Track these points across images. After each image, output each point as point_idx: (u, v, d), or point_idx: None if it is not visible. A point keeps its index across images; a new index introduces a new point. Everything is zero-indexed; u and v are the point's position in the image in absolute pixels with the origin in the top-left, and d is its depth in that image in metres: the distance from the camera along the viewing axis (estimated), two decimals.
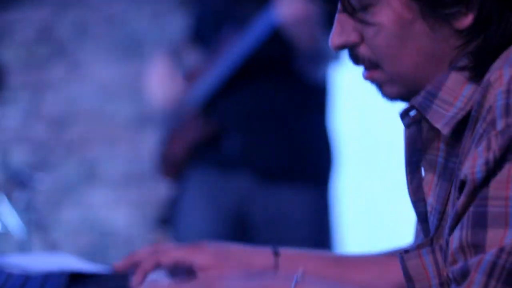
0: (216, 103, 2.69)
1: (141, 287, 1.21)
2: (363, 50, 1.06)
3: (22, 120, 4.42)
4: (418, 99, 1.03)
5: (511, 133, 0.90)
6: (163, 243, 1.32)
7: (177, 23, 3.67)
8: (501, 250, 0.88)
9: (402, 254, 1.04)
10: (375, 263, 1.31)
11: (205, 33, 2.75)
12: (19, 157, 4.37)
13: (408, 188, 1.07)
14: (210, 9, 2.76)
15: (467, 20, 1.00)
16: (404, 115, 1.06)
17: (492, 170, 0.90)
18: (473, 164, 0.92)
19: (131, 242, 4.11)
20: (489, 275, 0.88)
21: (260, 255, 1.30)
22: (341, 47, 1.07)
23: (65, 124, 4.42)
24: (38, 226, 4.24)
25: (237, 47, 2.60)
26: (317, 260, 1.31)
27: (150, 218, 3.91)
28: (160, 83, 2.81)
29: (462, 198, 0.93)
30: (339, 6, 1.06)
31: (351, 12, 1.04)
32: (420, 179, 1.06)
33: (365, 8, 1.03)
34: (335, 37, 1.07)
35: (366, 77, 1.08)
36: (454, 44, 1.01)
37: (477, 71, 0.99)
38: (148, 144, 3.87)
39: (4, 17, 4.43)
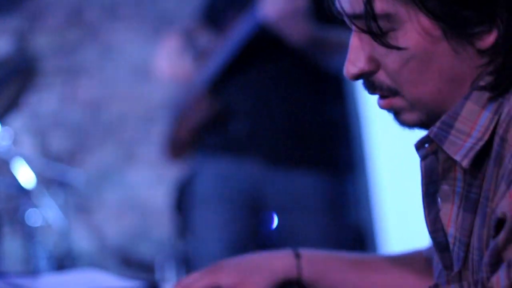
0: (224, 86, 2.65)
1: None
2: (381, 77, 1.02)
3: (58, 105, 4.44)
4: (433, 130, 1.00)
5: None
6: (182, 279, 1.29)
7: None
8: None
9: None
10: (397, 265, 1.29)
11: (217, 14, 2.72)
12: (57, 142, 4.40)
13: (426, 219, 1.05)
14: None
15: (490, 39, 0.97)
16: (420, 146, 1.03)
17: None
18: (510, 201, 0.89)
19: (173, 220, 4.12)
20: None
21: (281, 259, 1.28)
22: (358, 77, 1.02)
23: (101, 107, 4.44)
24: (80, 210, 4.28)
25: (246, 29, 2.56)
26: (338, 262, 1.30)
27: None
28: (170, 62, 2.79)
29: (503, 235, 0.90)
30: (354, 28, 1.01)
31: (375, 36, 0.99)
32: (437, 209, 1.04)
33: (386, 32, 0.98)
34: (350, 66, 1.02)
35: (383, 106, 1.04)
36: (476, 64, 0.99)
37: (498, 90, 0.98)
38: None
39: (34, 2, 4.44)
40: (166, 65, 2.80)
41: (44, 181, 3.58)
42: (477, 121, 0.98)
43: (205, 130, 2.68)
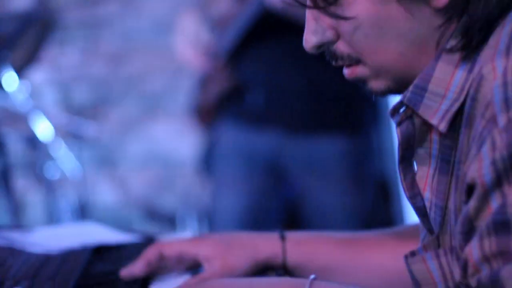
0: (240, 56, 2.65)
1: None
2: (341, 46, 1.00)
3: (80, 58, 4.43)
4: (407, 95, 0.98)
5: None
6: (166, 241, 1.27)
7: None
8: None
9: (407, 258, 1.01)
10: (390, 241, 1.25)
11: None
12: (80, 95, 4.41)
13: (402, 184, 1.03)
14: None
15: None
16: (394, 112, 1.00)
17: (503, 170, 0.84)
18: (479, 166, 0.86)
19: (197, 172, 4.12)
20: None
21: (266, 241, 1.25)
22: (317, 47, 1.00)
23: (124, 59, 4.42)
24: (104, 163, 4.29)
25: (257, 4, 2.53)
26: (327, 243, 1.26)
27: None
28: (189, 42, 2.78)
29: (473, 202, 0.87)
30: (308, 1, 0.99)
31: (322, 7, 0.97)
32: (413, 174, 1.02)
33: (335, 1, 0.96)
34: (309, 37, 1.00)
35: (348, 75, 1.02)
36: (436, 24, 0.95)
37: (468, 50, 0.94)
38: None
39: None
40: (186, 49, 2.81)
41: (64, 134, 3.58)
42: (451, 81, 0.95)
43: (225, 100, 2.70)
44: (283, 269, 1.25)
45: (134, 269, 1.23)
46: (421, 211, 1.02)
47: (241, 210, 2.67)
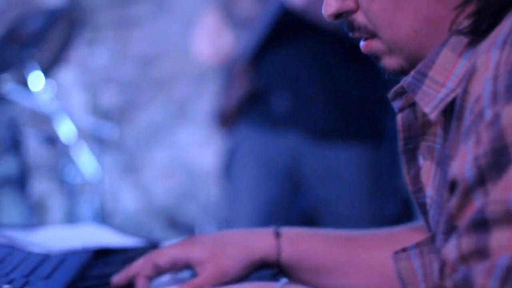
0: (263, 59, 2.63)
1: None
2: (359, 17, 0.98)
3: (110, 59, 4.37)
4: (407, 79, 0.95)
5: (500, 124, 0.79)
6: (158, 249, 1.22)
7: None
8: None
9: (395, 254, 0.99)
10: (388, 241, 1.19)
11: None
12: (107, 98, 4.34)
13: (406, 178, 1.01)
14: None
15: None
16: (394, 97, 0.98)
17: (486, 167, 0.79)
18: (462, 161, 0.81)
19: (220, 181, 4.05)
20: (505, 281, 0.77)
21: (260, 237, 1.20)
22: (337, 15, 0.99)
23: (153, 62, 4.36)
24: (128, 168, 4.22)
25: (279, 5, 2.49)
26: (323, 240, 1.21)
27: None
28: (209, 43, 2.73)
29: (454, 201, 0.82)
30: None
31: None
32: (418, 168, 0.99)
33: None
34: (327, 6, 0.99)
35: (364, 49, 1.00)
36: (454, 4, 0.91)
37: (476, 35, 0.90)
38: None
39: None
40: (205, 47, 2.77)
41: (87, 137, 3.51)
42: (452, 70, 0.91)
43: (247, 103, 2.67)
44: (277, 267, 1.19)
45: (124, 277, 1.19)
46: (423, 208, 1.00)
47: (257, 219, 2.62)
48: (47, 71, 3.24)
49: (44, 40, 3.15)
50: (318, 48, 2.57)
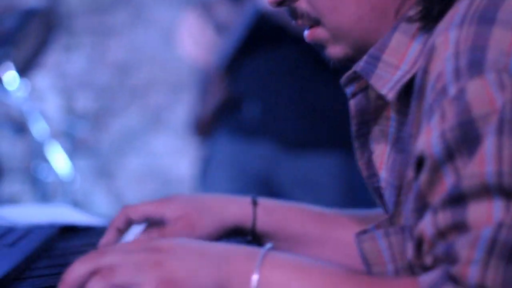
0: (239, 66, 2.62)
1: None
2: (302, 4, 0.97)
3: (86, 65, 4.38)
4: (360, 64, 0.95)
5: (465, 99, 0.79)
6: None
7: None
8: (500, 225, 0.77)
9: (358, 235, 0.99)
10: (361, 222, 1.20)
11: None
12: (82, 103, 4.34)
13: (359, 163, 1.01)
14: None
15: None
16: (347, 83, 0.98)
17: (453, 142, 0.79)
18: (428, 138, 0.81)
19: (195, 190, 4.06)
20: (490, 252, 0.77)
21: (237, 204, 1.20)
22: (280, 2, 0.98)
23: (129, 70, 4.37)
24: (102, 173, 4.22)
25: (253, 12, 2.49)
26: (299, 214, 1.22)
27: None
28: (192, 39, 2.74)
29: (424, 176, 0.82)
30: None
31: None
32: (370, 152, 1.00)
33: None
34: None
35: (308, 37, 1.00)
36: None
37: (427, 21, 0.91)
38: None
39: None
40: (191, 47, 2.77)
41: (61, 135, 3.51)
42: (406, 53, 0.92)
43: (222, 111, 2.66)
44: (251, 235, 1.19)
45: (107, 239, 1.18)
46: (377, 192, 1.00)
47: None
48: (22, 72, 3.24)
49: (20, 40, 3.16)
50: (292, 56, 2.56)
